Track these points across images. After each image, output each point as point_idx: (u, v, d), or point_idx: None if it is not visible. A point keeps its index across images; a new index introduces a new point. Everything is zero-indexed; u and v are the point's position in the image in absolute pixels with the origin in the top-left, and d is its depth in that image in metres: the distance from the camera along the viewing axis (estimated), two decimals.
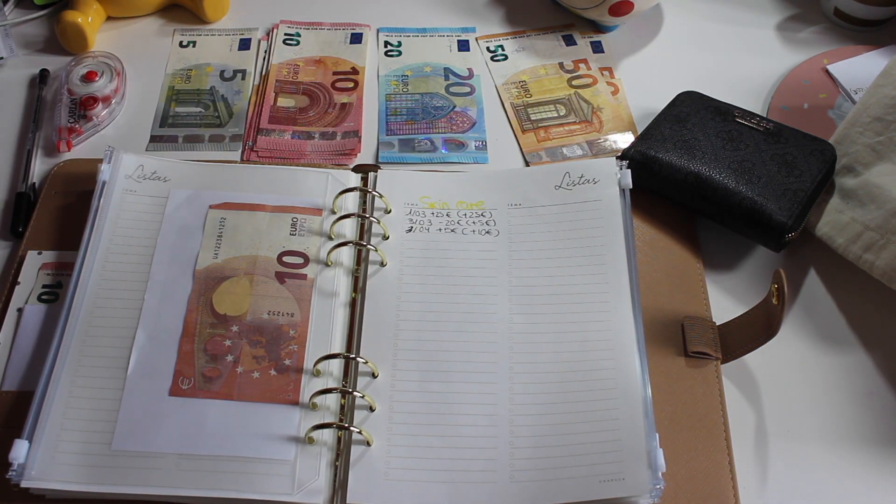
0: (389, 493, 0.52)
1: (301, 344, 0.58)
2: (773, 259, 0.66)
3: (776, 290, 0.54)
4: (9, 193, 0.69)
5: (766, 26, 0.84)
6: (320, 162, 0.71)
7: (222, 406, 0.55)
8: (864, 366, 0.60)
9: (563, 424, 0.54)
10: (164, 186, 0.65)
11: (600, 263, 0.61)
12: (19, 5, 0.84)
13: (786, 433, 0.57)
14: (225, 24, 0.83)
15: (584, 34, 0.83)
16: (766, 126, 0.68)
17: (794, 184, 0.64)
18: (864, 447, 0.56)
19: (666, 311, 0.61)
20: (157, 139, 0.73)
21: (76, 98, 0.73)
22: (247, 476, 0.52)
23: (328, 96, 0.77)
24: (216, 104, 0.76)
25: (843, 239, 0.62)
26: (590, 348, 0.57)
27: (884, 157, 0.64)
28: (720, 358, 0.59)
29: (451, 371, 0.57)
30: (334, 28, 0.83)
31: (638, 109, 0.76)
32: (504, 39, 0.82)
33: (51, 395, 0.54)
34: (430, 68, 0.79)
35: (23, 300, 0.61)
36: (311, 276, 0.61)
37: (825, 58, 0.79)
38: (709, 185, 0.64)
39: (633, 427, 0.53)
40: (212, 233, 0.63)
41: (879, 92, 0.66)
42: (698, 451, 0.55)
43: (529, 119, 0.75)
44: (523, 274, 0.61)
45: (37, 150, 0.72)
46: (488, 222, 0.64)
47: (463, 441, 0.54)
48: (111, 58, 0.77)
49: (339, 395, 0.56)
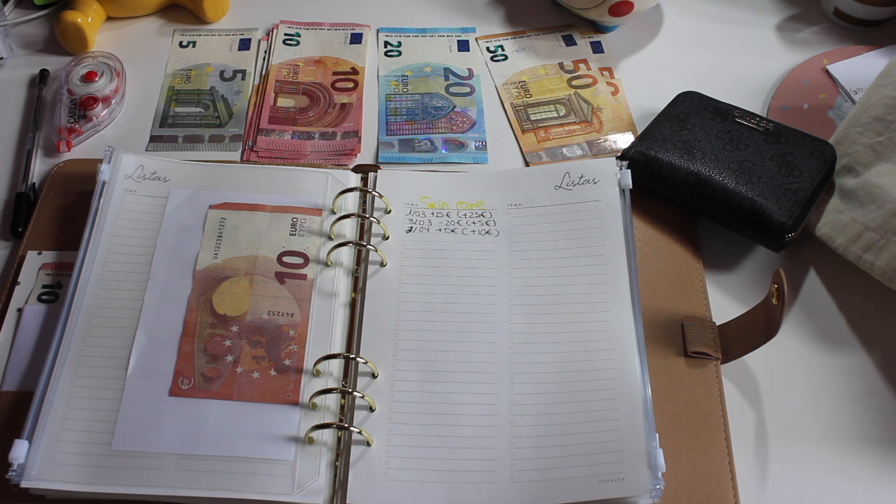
0: (389, 494, 0.52)
1: (301, 344, 0.58)
2: (773, 259, 0.66)
3: (776, 291, 0.54)
4: (9, 193, 0.69)
5: (766, 26, 0.84)
6: (320, 162, 0.71)
7: (222, 406, 0.55)
8: (864, 366, 0.60)
9: (563, 424, 0.54)
10: (164, 186, 0.65)
11: (600, 263, 0.61)
12: (19, 5, 0.84)
13: (786, 433, 0.57)
14: (225, 24, 0.83)
15: (584, 34, 0.83)
16: (766, 126, 0.68)
17: (794, 184, 0.64)
18: (864, 447, 0.56)
19: (666, 311, 0.61)
20: (157, 139, 0.73)
21: (76, 98, 0.73)
22: (246, 476, 0.52)
23: (328, 96, 0.77)
24: (216, 104, 0.76)
25: (843, 239, 0.62)
26: (590, 348, 0.57)
27: (884, 157, 0.64)
28: (720, 358, 0.59)
29: (451, 371, 0.57)
30: (334, 28, 0.83)
31: (638, 109, 0.76)
32: (504, 39, 0.82)
33: (51, 395, 0.54)
34: (430, 68, 0.79)
35: (23, 300, 0.61)
36: (310, 276, 0.61)
37: (825, 58, 0.79)
38: (709, 186, 0.64)
39: (633, 427, 0.53)
40: (212, 233, 0.63)
41: (879, 92, 0.66)
42: (698, 451, 0.55)
43: (529, 119, 0.75)
44: (523, 274, 0.61)
45: (37, 150, 0.72)
46: (488, 222, 0.64)
47: (463, 441, 0.54)
48: (111, 58, 0.77)
49: (339, 395, 0.56)
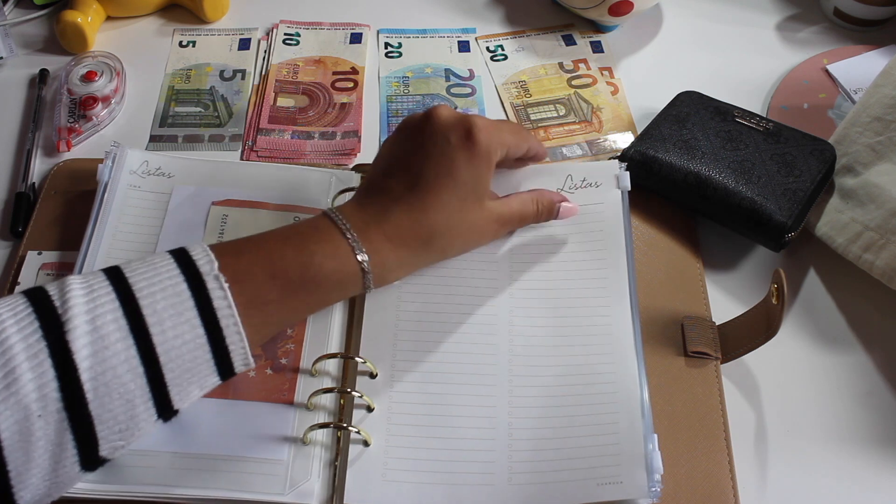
0: (387, 494, 0.52)
1: (298, 343, 0.58)
2: (773, 259, 0.66)
3: (776, 290, 0.54)
4: (9, 193, 0.69)
5: (766, 26, 0.84)
6: (320, 162, 0.71)
7: (217, 405, 0.55)
8: (864, 366, 0.60)
9: (561, 427, 0.54)
10: (167, 182, 0.65)
11: (601, 267, 0.61)
12: (19, 5, 0.85)
13: (786, 433, 0.57)
14: (225, 23, 0.83)
15: (583, 34, 0.83)
16: (766, 126, 0.68)
17: (793, 184, 0.64)
18: (864, 447, 0.56)
19: (665, 311, 0.61)
20: (157, 139, 0.73)
21: (76, 98, 0.73)
22: (239, 475, 0.52)
23: (328, 96, 0.77)
24: (216, 104, 0.76)
25: (843, 239, 0.62)
26: (589, 351, 0.57)
27: (883, 157, 0.63)
28: (720, 358, 0.59)
29: (450, 372, 0.57)
30: (334, 28, 0.83)
31: (638, 109, 0.76)
32: (504, 39, 0.82)
33: None
34: (430, 69, 0.79)
35: None
36: None
37: (825, 58, 0.79)
38: (709, 185, 0.64)
39: (632, 430, 0.53)
40: (213, 229, 0.63)
41: (879, 92, 0.66)
42: (698, 451, 0.55)
43: (529, 119, 0.75)
44: (523, 276, 0.61)
45: (36, 150, 0.72)
46: None
47: (461, 442, 0.54)
48: (111, 58, 0.77)
49: (337, 395, 0.56)
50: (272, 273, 0.48)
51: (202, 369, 0.46)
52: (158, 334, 0.44)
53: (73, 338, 0.42)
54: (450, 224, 0.54)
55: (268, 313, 0.48)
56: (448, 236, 0.54)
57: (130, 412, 0.43)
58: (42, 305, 0.43)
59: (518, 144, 0.58)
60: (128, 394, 0.43)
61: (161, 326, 0.44)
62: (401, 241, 0.53)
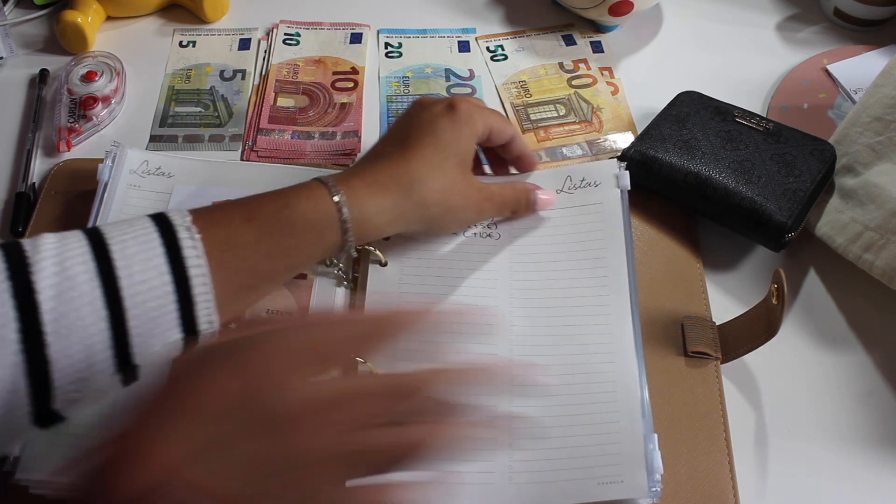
0: None
1: None
2: (773, 259, 0.66)
3: (776, 290, 0.54)
4: (9, 193, 0.69)
5: (766, 26, 0.84)
6: (320, 162, 0.71)
7: None
8: (864, 366, 0.60)
9: (561, 427, 0.54)
10: (167, 182, 0.65)
11: (601, 266, 0.61)
12: (19, 5, 0.85)
13: (786, 433, 0.57)
14: (225, 23, 0.83)
15: (583, 34, 0.83)
16: (766, 126, 0.68)
17: (793, 184, 0.64)
18: (864, 447, 0.56)
19: (666, 311, 0.61)
20: (157, 139, 0.73)
21: (76, 98, 0.73)
22: None
23: (328, 96, 0.77)
24: (216, 104, 0.76)
25: (843, 239, 0.62)
26: (589, 351, 0.57)
27: (884, 157, 0.64)
28: (720, 358, 0.59)
29: None
30: (334, 28, 0.83)
31: (638, 109, 0.76)
32: (504, 39, 0.82)
33: None
34: (431, 69, 0.79)
35: None
36: (310, 275, 0.61)
37: (825, 58, 0.79)
38: (709, 185, 0.64)
39: (632, 430, 0.53)
40: None
41: (879, 92, 0.66)
42: (698, 451, 0.55)
43: (529, 119, 0.75)
44: (523, 277, 0.61)
45: (36, 150, 0.72)
46: (489, 225, 0.64)
47: None
48: (111, 58, 0.77)
49: None
50: (247, 216, 0.49)
51: (166, 320, 0.45)
52: (126, 277, 0.44)
53: (39, 279, 0.42)
54: (431, 175, 0.54)
55: (242, 257, 0.48)
56: (428, 186, 0.54)
57: (89, 360, 0.43)
58: (12, 251, 0.43)
59: (502, 128, 0.59)
60: (88, 338, 0.43)
61: (129, 270, 0.44)
62: (379, 186, 0.53)
